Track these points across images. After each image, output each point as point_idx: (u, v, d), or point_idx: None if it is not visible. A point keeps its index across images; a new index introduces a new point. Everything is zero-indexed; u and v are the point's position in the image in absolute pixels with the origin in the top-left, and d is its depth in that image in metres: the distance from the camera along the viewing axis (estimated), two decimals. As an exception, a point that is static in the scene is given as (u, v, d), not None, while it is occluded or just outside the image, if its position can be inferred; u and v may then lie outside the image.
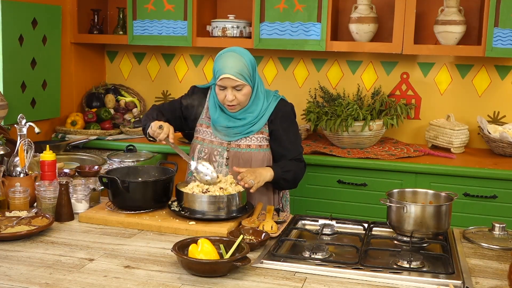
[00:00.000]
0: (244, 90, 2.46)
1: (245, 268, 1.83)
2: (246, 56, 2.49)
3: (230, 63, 2.43)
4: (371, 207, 3.35)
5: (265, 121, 2.57)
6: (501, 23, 3.31)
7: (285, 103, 2.62)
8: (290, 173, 2.54)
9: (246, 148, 2.56)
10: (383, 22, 3.71)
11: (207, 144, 2.61)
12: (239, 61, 2.44)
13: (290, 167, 2.55)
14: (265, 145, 2.58)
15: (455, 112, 3.74)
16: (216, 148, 2.59)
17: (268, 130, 2.58)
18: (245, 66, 2.45)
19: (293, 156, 2.59)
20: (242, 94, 2.47)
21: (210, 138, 2.61)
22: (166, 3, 3.78)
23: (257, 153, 2.56)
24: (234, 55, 2.46)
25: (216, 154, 2.58)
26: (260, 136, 2.57)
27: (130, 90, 4.33)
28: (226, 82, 2.43)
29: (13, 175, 2.38)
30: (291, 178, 2.54)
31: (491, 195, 3.21)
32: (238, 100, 2.47)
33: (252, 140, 2.57)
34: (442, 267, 1.91)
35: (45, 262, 1.88)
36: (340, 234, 2.21)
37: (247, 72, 2.45)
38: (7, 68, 3.41)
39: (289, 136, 2.59)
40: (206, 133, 2.63)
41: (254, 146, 2.57)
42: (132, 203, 2.30)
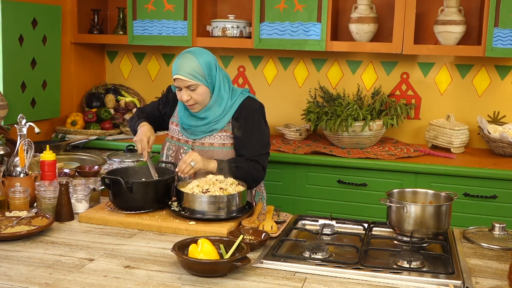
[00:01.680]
0: (198, 89, 2.49)
1: (245, 268, 1.83)
2: (200, 56, 2.51)
3: (182, 64, 2.48)
4: (371, 207, 3.35)
5: (229, 119, 2.58)
6: (501, 23, 3.31)
7: (251, 101, 2.61)
8: (240, 170, 2.47)
9: (209, 146, 2.59)
10: (383, 22, 3.71)
11: (175, 142, 2.69)
12: (191, 62, 2.48)
13: (244, 165, 2.50)
14: (228, 143, 2.60)
15: (455, 112, 3.74)
16: (182, 146, 2.65)
17: (231, 128, 2.59)
18: (198, 67, 2.48)
19: (250, 157, 2.54)
20: (197, 94, 2.50)
21: (178, 136, 2.68)
22: (166, 3, 3.78)
23: (219, 151, 2.57)
24: (187, 56, 2.51)
25: (182, 152, 2.64)
26: (224, 134, 2.59)
27: (130, 90, 4.33)
28: (179, 83, 2.50)
29: (13, 175, 2.37)
30: (241, 176, 2.44)
31: (491, 195, 3.21)
32: (194, 99, 2.51)
33: (216, 138, 2.59)
34: (442, 267, 1.91)
35: (45, 262, 1.88)
36: (340, 234, 2.21)
37: (200, 72, 2.48)
38: (7, 68, 3.41)
39: (249, 135, 2.56)
40: (175, 131, 2.70)
41: (217, 145, 2.59)
42: (134, 203, 2.30)
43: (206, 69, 2.50)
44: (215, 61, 2.56)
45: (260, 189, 2.76)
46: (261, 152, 2.59)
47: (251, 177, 2.53)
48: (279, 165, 3.46)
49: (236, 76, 4.12)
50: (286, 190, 3.49)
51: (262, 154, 2.59)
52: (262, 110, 2.64)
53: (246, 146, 2.56)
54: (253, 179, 2.55)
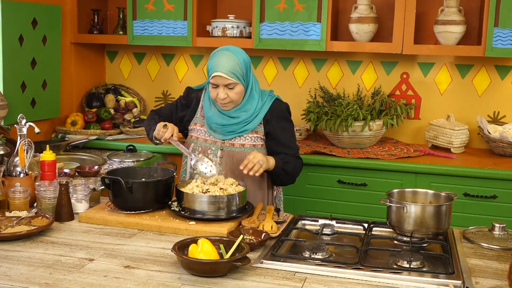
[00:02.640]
0: (236, 88, 2.48)
1: (245, 268, 1.83)
2: (239, 55, 2.50)
3: (222, 61, 2.45)
4: (371, 207, 3.35)
5: (260, 120, 2.58)
6: (501, 23, 3.31)
7: (280, 103, 2.63)
8: (289, 165, 2.56)
9: (240, 147, 2.57)
10: (383, 22, 3.71)
11: (201, 143, 2.62)
12: (232, 60, 2.46)
13: (289, 160, 2.57)
14: (259, 145, 2.59)
15: (455, 112, 3.74)
16: (210, 147, 2.60)
17: (263, 130, 2.59)
18: (238, 65, 2.46)
19: (292, 154, 2.60)
20: (235, 93, 2.48)
21: (204, 136, 2.63)
22: (166, 3, 3.78)
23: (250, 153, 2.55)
24: (227, 54, 2.48)
25: (209, 153, 2.59)
26: (255, 136, 2.58)
27: (130, 90, 4.33)
28: (218, 80, 2.45)
29: (13, 175, 2.38)
30: (290, 170, 2.56)
31: (491, 195, 3.21)
32: (231, 98, 2.49)
33: (246, 139, 2.58)
34: (442, 267, 1.91)
35: (45, 262, 1.88)
36: (340, 234, 2.21)
37: (239, 70, 2.46)
38: (7, 68, 3.41)
39: (285, 135, 2.60)
40: (200, 131, 2.64)
41: (248, 146, 2.57)
42: (134, 203, 2.30)
43: (245, 68, 2.49)
44: (250, 61, 2.55)
45: (279, 190, 2.78)
46: (297, 148, 2.65)
47: (297, 171, 2.63)
48: (279, 165, 3.46)
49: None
50: (286, 190, 3.47)
51: (298, 150, 2.66)
52: (289, 110, 2.68)
53: (287, 145, 2.59)
54: (297, 173, 2.64)
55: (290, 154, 2.59)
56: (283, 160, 2.54)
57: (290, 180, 2.62)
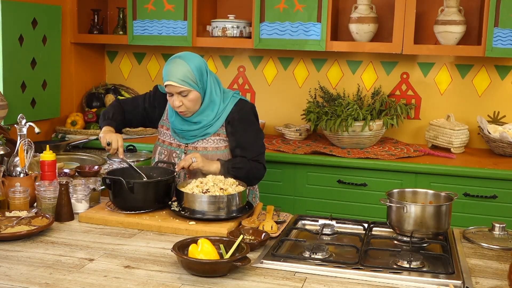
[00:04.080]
0: (190, 95, 2.48)
1: (245, 268, 1.83)
2: (191, 61, 2.49)
3: (173, 70, 2.46)
4: (371, 207, 3.35)
5: (222, 123, 2.58)
6: (501, 23, 3.31)
7: (244, 104, 2.62)
8: (241, 170, 2.49)
9: (203, 150, 2.58)
10: (383, 22, 3.71)
11: (167, 146, 2.66)
12: (182, 67, 2.46)
13: (243, 165, 2.51)
14: (222, 147, 2.59)
15: (455, 112, 3.74)
16: (174, 150, 2.63)
17: (225, 131, 2.59)
18: (189, 72, 2.46)
19: (251, 157, 2.56)
20: (189, 100, 2.48)
21: (169, 140, 2.66)
22: (166, 3, 3.78)
23: (213, 155, 2.57)
24: (178, 62, 2.48)
25: (174, 156, 2.62)
26: (217, 138, 2.59)
27: (130, 90, 4.33)
28: (170, 89, 2.48)
29: (13, 175, 2.38)
30: (242, 176, 2.46)
31: (491, 195, 3.21)
32: (186, 105, 2.49)
33: (209, 142, 2.58)
34: (442, 267, 1.91)
35: (45, 262, 1.88)
36: (340, 234, 2.21)
37: (191, 77, 2.46)
38: (7, 68, 3.41)
39: (246, 137, 2.58)
40: (166, 135, 2.67)
41: (211, 148, 2.58)
42: (134, 203, 2.30)
43: (198, 74, 2.48)
44: (205, 65, 2.54)
45: (254, 188, 2.76)
46: (260, 151, 2.61)
47: (252, 176, 2.56)
48: (279, 165, 3.46)
49: (236, 76, 4.12)
50: (286, 190, 3.49)
51: (261, 153, 2.61)
52: (254, 110, 2.65)
53: (246, 148, 2.57)
54: (254, 177, 2.58)
55: (249, 157, 2.55)
56: (234, 165, 2.50)
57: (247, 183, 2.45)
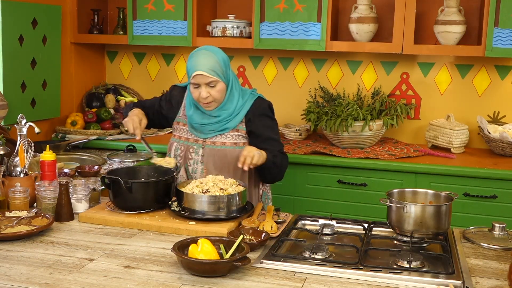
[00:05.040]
0: (218, 86, 2.49)
1: (245, 268, 1.83)
2: (218, 53, 2.52)
3: (202, 60, 2.47)
4: (371, 207, 3.35)
5: (241, 119, 2.58)
6: (501, 23, 3.31)
7: (262, 101, 2.64)
8: (277, 158, 2.56)
9: (221, 145, 2.58)
10: (383, 22, 3.71)
11: (183, 142, 2.65)
12: (211, 58, 2.48)
13: (276, 154, 2.57)
14: (241, 143, 2.59)
15: (455, 112, 3.74)
16: (191, 146, 2.62)
17: (245, 128, 2.59)
18: (218, 63, 2.48)
19: (278, 149, 2.60)
20: (216, 91, 2.49)
21: (186, 135, 2.65)
22: (166, 3, 3.78)
23: (232, 151, 2.56)
24: (206, 53, 2.50)
25: (191, 152, 2.61)
26: (236, 134, 2.59)
27: (130, 90, 4.33)
28: (199, 79, 2.47)
29: (13, 175, 2.38)
30: (279, 163, 2.56)
31: (491, 195, 3.21)
32: (213, 96, 2.50)
33: (227, 137, 2.58)
34: (442, 267, 1.91)
35: (45, 262, 1.88)
36: (340, 234, 2.21)
37: (219, 68, 2.48)
38: (7, 68, 3.41)
39: (269, 132, 2.61)
40: (182, 130, 2.67)
41: (229, 144, 2.58)
42: (134, 203, 2.30)
43: (224, 66, 2.51)
44: (228, 59, 2.57)
45: (266, 189, 2.77)
46: (282, 145, 2.66)
47: (285, 166, 2.63)
48: (279, 165, 3.46)
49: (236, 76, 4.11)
50: (286, 190, 3.49)
51: (283, 147, 2.67)
52: (272, 108, 2.68)
53: (270, 142, 2.58)
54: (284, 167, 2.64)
55: (276, 149, 2.59)
56: (271, 153, 2.54)
57: (279, 174, 2.62)
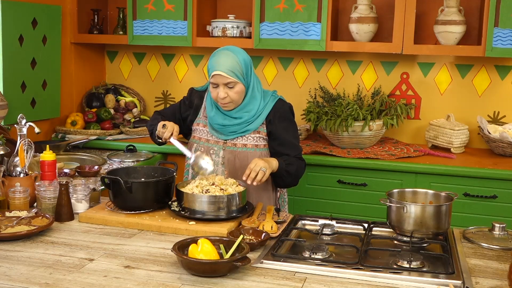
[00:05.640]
0: (236, 87, 2.47)
1: (245, 268, 1.83)
2: (239, 54, 2.50)
3: (222, 60, 2.46)
4: (371, 207, 3.35)
5: (262, 121, 2.57)
6: (501, 23, 3.31)
7: (283, 103, 2.62)
8: (292, 166, 2.54)
9: (242, 147, 2.57)
10: (383, 22, 3.71)
11: (203, 143, 2.62)
12: (231, 59, 2.46)
13: (292, 161, 2.55)
14: (262, 145, 2.58)
15: (455, 112, 3.74)
16: (212, 147, 2.60)
17: (266, 130, 2.58)
18: (238, 64, 2.47)
19: (295, 154, 2.59)
20: (234, 92, 2.48)
21: (207, 137, 2.63)
22: (166, 3, 3.78)
23: (253, 153, 2.55)
24: (227, 53, 2.49)
25: (212, 153, 2.59)
26: (257, 136, 2.58)
27: (130, 90, 4.33)
28: (217, 79, 2.46)
29: (13, 175, 2.37)
30: (293, 172, 2.54)
31: (491, 195, 3.21)
32: (231, 97, 2.48)
33: (249, 139, 2.57)
34: (442, 267, 1.91)
35: (45, 262, 1.88)
36: (340, 234, 2.21)
37: (239, 70, 2.47)
38: (7, 68, 3.41)
39: (288, 135, 2.59)
40: (202, 132, 2.64)
41: (251, 146, 2.57)
42: (134, 203, 2.30)
43: (245, 67, 2.49)
44: (250, 61, 2.55)
45: (283, 191, 2.77)
46: (300, 149, 2.64)
47: (301, 173, 2.61)
48: (279, 165, 3.46)
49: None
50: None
51: (301, 151, 2.64)
52: (292, 110, 2.66)
53: (289, 145, 2.58)
54: (300, 174, 2.62)
55: (293, 154, 2.58)
56: (285, 161, 2.52)
57: (293, 181, 2.60)
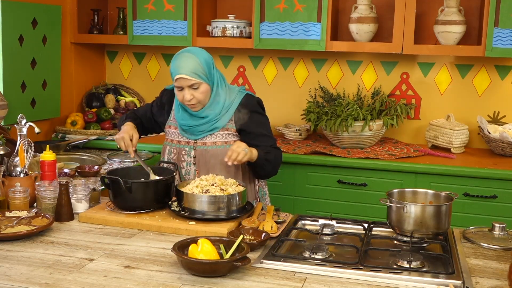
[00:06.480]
0: (201, 88, 2.49)
1: (245, 268, 1.83)
2: (200, 55, 2.52)
3: (183, 63, 2.48)
4: (371, 207, 3.36)
5: (230, 117, 2.59)
6: (501, 23, 3.31)
7: (250, 97, 2.64)
8: (270, 154, 2.57)
9: (212, 145, 2.59)
10: (383, 22, 3.71)
11: (175, 145, 2.66)
12: (192, 60, 2.48)
13: (269, 150, 2.58)
14: (231, 141, 2.59)
15: (455, 112, 3.74)
16: (183, 148, 2.63)
17: (234, 126, 2.60)
18: (199, 65, 2.48)
19: (270, 144, 2.61)
20: (200, 92, 2.49)
21: (178, 138, 2.66)
22: (166, 3, 3.78)
23: (223, 150, 2.56)
24: (187, 55, 2.50)
25: (184, 154, 2.62)
26: (226, 133, 2.59)
27: (130, 90, 4.33)
28: (181, 82, 2.48)
29: (13, 175, 2.37)
30: (272, 159, 2.57)
31: (491, 195, 3.21)
32: (197, 98, 2.50)
33: (218, 137, 2.59)
34: (442, 267, 1.91)
35: (45, 262, 1.88)
36: (340, 234, 2.21)
37: (201, 70, 2.48)
38: (7, 68, 3.41)
39: (259, 129, 2.61)
40: (174, 134, 2.68)
41: (220, 143, 2.59)
42: (134, 203, 2.30)
43: (207, 67, 2.51)
44: (212, 59, 2.57)
45: (261, 185, 2.77)
46: (274, 140, 2.66)
47: (279, 161, 2.64)
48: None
49: (236, 76, 4.12)
50: (286, 190, 3.49)
51: (276, 141, 2.67)
52: (261, 104, 2.69)
53: (261, 138, 2.60)
54: (279, 162, 2.65)
55: (269, 145, 2.60)
56: (263, 150, 2.55)
57: (273, 170, 2.63)
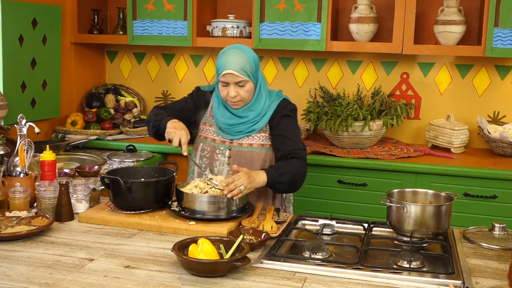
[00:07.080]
0: (246, 86, 2.46)
1: (245, 268, 1.83)
2: (249, 53, 2.49)
3: (232, 59, 2.44)
4: (371, 207, 3.35)
5: (268, 120, 2.55)
6: (501, 23, 3.31)
7: (287, 103, 2.60)
8: (286, 175, 2.40)
9: (248, 147, 2.55)
10: (383, 22, 3.71)
11: (210, 142, 2.60)
12: (241, 57, 2.44)
13: (287, 168, 2.42)
14: (267, 145, 2.56)
15: (455, 112, 3.74)
16: (218, 147, 2.58)
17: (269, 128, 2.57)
18: (248, 63, 2.45)
19: (291, 149, 2.48)
20: (245, 91, 2.46)
21: (213, 136, 2.60)
22: (166, 3, 3.78)
23: (259, 152, 2.54)
24: (237, 52, 2.47)
25: (218, 153, 2.57)
26: (263, 135, 2.56)
27: (130, 90, 4.33)
28: (228, 78, 2.43)
29: (13, 175, 2.37)
30: (288, 180, 2.41)
31: (491, 195, 3.21)
32: (241, 96, 2.46)
33: (254, 139, 2.56)
34: (442, 267, 1.91)
35: (45, 262, 1.88)
36: (340, 234, 2.21)
37: (249, 68, 2.45)
38: (7, 68, 3.41)
39: (287, 130, 2.53)
40: (209, 131, 2.62)
41: (256, 145, 2.56)
42: (133, 203, 2.30)
43: (255, 66, 2.48)
44: (258, 59, 2.53)
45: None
46: (301, 146, 2.52)
47: (299, 178, 2.46)
48: (279, 165, 3.46)
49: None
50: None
51: (302, 149, 2.52)
52: (296, 111, 2.62)
53: (284, 141, 2.50)
54: (300, 179, 2.48)
55: (289, 149, 2.47)
56: (279, 171, 2.40)
57: (289, 189, 2.49)
